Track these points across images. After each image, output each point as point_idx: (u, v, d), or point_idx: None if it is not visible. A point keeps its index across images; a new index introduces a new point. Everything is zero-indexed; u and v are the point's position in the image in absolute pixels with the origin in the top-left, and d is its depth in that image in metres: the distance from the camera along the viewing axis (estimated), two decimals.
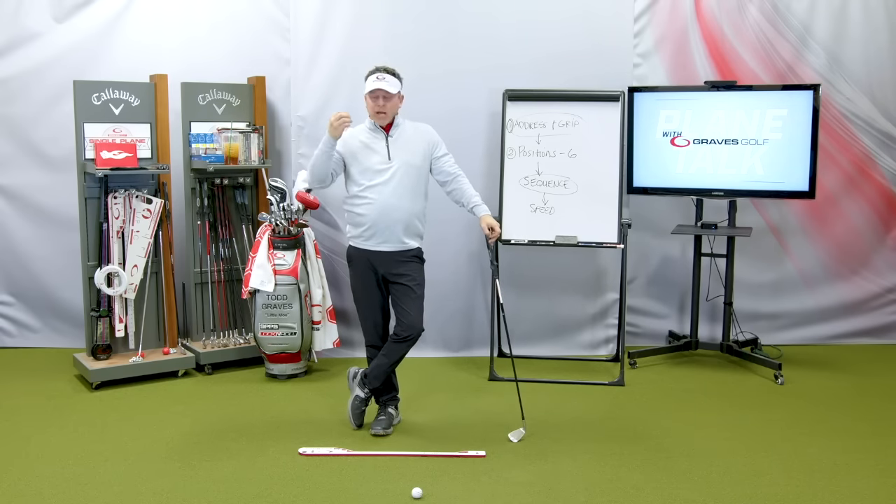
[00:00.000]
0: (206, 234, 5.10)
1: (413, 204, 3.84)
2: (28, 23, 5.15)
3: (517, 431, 3.94)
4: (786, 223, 5.57)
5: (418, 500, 3.27)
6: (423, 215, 3.93)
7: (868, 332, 5.70)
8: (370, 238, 3.84)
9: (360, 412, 4.02)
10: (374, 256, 3.86)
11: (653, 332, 5.65)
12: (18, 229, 5.34)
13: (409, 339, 3.89)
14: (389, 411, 4.05)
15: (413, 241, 3.89)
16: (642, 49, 5.32)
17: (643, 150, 5.11)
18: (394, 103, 3.82)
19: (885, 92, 5.47)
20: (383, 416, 4.03)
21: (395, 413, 4.10)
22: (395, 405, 4.10)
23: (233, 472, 3.52)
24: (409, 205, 3.83)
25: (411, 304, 3.86)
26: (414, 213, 3.85)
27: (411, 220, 3.84)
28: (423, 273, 3.95)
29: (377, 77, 3.79)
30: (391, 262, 3.86)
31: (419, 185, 3.88)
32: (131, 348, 4.89)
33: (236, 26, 5.26)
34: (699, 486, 3.41)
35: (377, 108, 3.79)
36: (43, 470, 3.53)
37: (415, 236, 3.90)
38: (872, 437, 3.99)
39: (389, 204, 3.79)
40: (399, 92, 3.83)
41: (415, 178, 3.85)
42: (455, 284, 5.31)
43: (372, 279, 3.91)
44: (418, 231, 3.91)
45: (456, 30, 5.15)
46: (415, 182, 3.85)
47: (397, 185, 3.80)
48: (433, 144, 3.94)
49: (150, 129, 4.88)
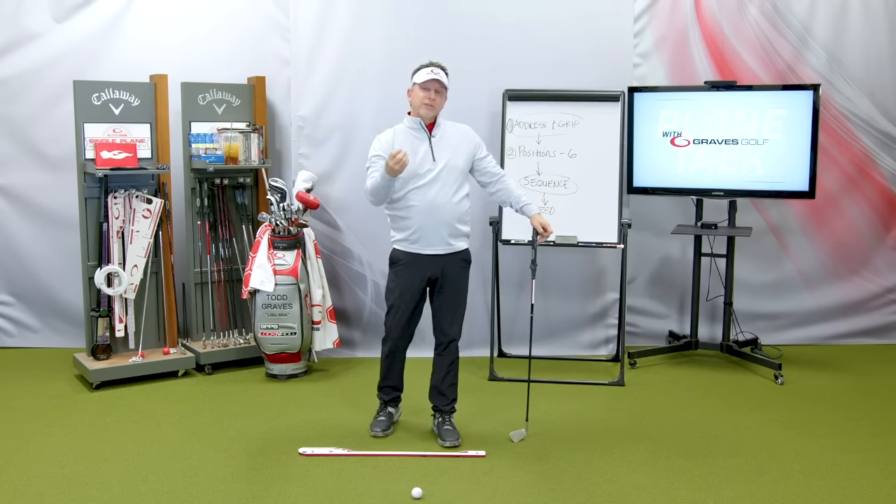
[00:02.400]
0: (206, 234, 5.10)
1: (458, 206, 3.78)
2: (28, 23, 5.15)
3: (518, 432, 3.94)
4: (786, 223, 5.57)
5: (418, 500, 3.27)
6: (467, 216, 3.86)
7: (868, 332, 5.70)
8: (416, 241, 3.78)
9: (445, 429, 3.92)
10: (422, 261, 3.80)
11: (653, 332, 5.65)
12: (18, 229, 5.34)
13: (444, 347, 3.88)
14: (389, 410, 4.05)
15: (460, 242, 3.84)
16: (642, 49, 5.32)
17: (643, 150, 5.11)
18: (443, 98, 3.78)
19: (885, 92, 5.47)
20: (383, 416, 4.02)
21: (396, 411, 4.10)
22: (395, 404, 4.10)
23: (233, 472, 3.52)
24: (454, 207, 3.76)
25: (448, 312, 3.85)
26: (459, 215, 3.79)
27: (454, 223, 3.78)
28: (467, 278, 3.91)
29: (432, 70, 3.75)
30: (436, 267, 3.81)
31: (463, 187, 3.81)
32: (131, 348, 4.89)
33: (236, 26, 5.26)
34: (699, 486, 3.41)
35: (427, 98, 3.72)
36: (43, 470, 3.53)
37: (461, 238, 3.84)
38: (872, 437, 3.99)
39: (435, 206, 3.72)
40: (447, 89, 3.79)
41: (459, 180, 3.78)
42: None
43: (416, 282, 3.83)
44: (464, 233, 3.85)
45: (456, 30, 5.15)
46: (459, 183, 3.78)
47: (442, 187, 3.73)
48: (476, 145, 3.87)
49: (150, 129, 4.88)
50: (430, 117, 3.78)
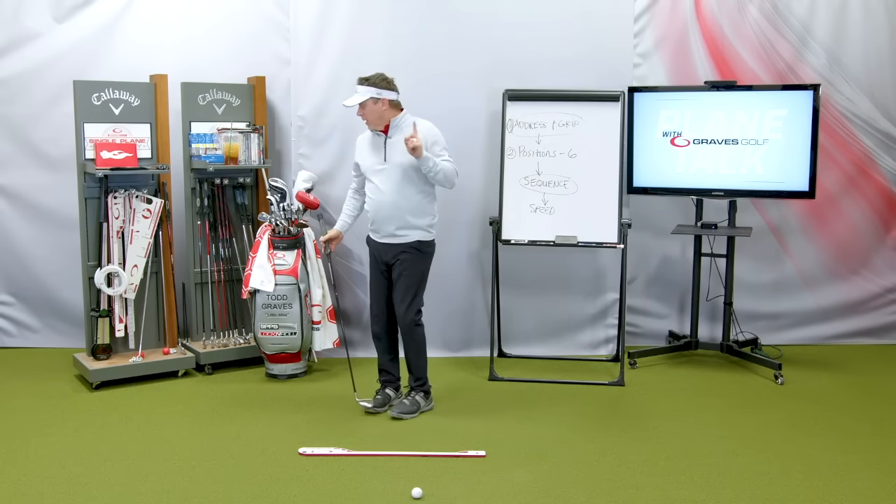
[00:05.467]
0: (206, 234, 5.10)
1: (404, 200, 4.06)
2: (28, 23, 5.15)
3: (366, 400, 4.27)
4: (786, 223, 5.57)
5: (418, 500, 3.27)
6: (420, 210, 4.10)
7: (868, 332, 5.69)
8: (375, 231, 4.21)
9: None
10: (378, 247, 4.20)
11: (653, 332, 5.65)
12: (18, 229, 5.34)
13: (404, 328, 4.19)
14: (387, 392, 4.34)
15: (408, 234, 4.10)
16: (642, 49, 5.32)
17: (643, 150, 5.11)
18: (371, 109, 4.03)
19: (885, 92, 5.46)
20: (379, 395, 4.32)
21: (395, 394, 4.38)
22: (393, 388, 4.39)
23: (233, 472, 3.52)
24: (400, 201, 4.06)
25: (398, 295, 4.16)
26: (406, 208, 4.07)
27: (402, 215, 4.07)
28: (420, 265, 4.16)
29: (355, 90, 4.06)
30: (389, 254, 4.16)
31: (412, 183, 4.06)
32: (131, 348, 4.90)
33: (236, 26, 5.26)
34: (699, 486, 3.41)
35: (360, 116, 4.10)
36: (43, 470, 3.53)
37: (410, 229, 4.10)
38: (872, 437, 3.99)
39: (382, 201, 4.09)
40: (372, 97, 4.00)
41: (406, 176, 4.05)
42: (455, 284, 5.30)
43: (377, 268, 4.24)
44: (412, 224, 4.10)
45: (456, 30, 5.15)
46: (407, 179, 4.05)
47: (388, 183, 4.06)
48: (432, 143, 4.07)
49: (150, 129, 4.88)
50: (375, 129, 4.10)
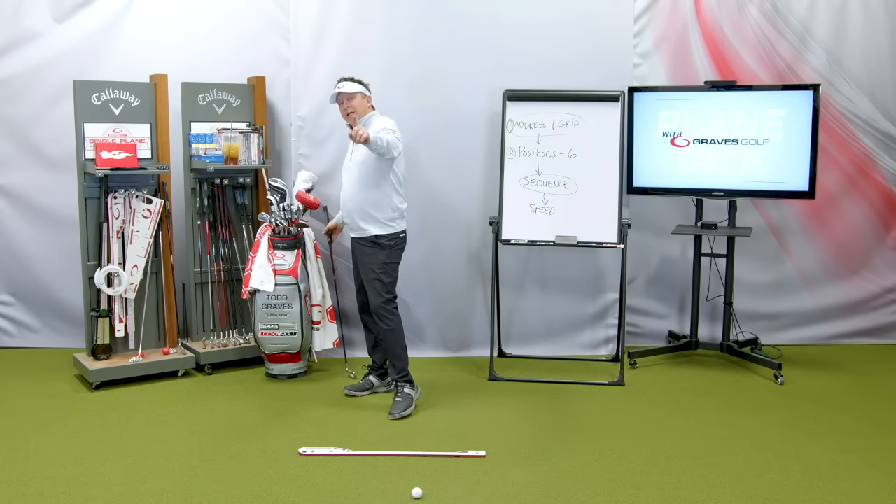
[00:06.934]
0: (206, 234, 5.10)
1: (364, 194, 4.26)
2: (28, 23, 5.14)
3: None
4: (786, 223, 5.57)
5: (418, 500, 3.27)
6: (380, 204, 4.26)
7: (868, 332, 5.69)
8: (348, 226, 4.47)
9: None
10: (352, 241, 4.47)
11: (653, 332, 5.65)
12: (18, 229, 5.34)
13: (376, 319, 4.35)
14: (370, 378, 4.58)
15: (370, 226, 4.28)
16: (642, 49, 5.32)
17: (643, 150, 5.11)
18: (360, 102, 4.25)
19: (885, 92, 5.46)
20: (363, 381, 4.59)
21: (378, 382, 4.60)
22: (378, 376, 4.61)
23: (233, 472, 3.52)
24: (360, 195, 4.27)
25: (366, 286, 4.38)
26: (366, 202, 4.26)
27: (364, 208, 4.27)
28: (378, 257, 4.31)
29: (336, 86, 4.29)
30: (356, 246, 4.41)
31: (370, 177, 4.23)
32: (131, 348, 4.90)
33: (236, 26, 5.26)
34: (699, 486, 3.42)
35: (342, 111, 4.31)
36: (43, 470, 3.53)
37: (372, 223, 4.28)
38: (872, 437, 3.99)
39: (345, 195, 4.37)
40: (359, 93, 4.25)
41: (365, 171, 4.24)
42: (455, 284, 5.31)
43: (355, 261, 4.49)
44: (374, 218, 4.27)
45: (456, 30, 5.15)
46: (365, 174, 4.24)
47: (352, 179, 4.31)
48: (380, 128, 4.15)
49: (150, 129, 4.88)
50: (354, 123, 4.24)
